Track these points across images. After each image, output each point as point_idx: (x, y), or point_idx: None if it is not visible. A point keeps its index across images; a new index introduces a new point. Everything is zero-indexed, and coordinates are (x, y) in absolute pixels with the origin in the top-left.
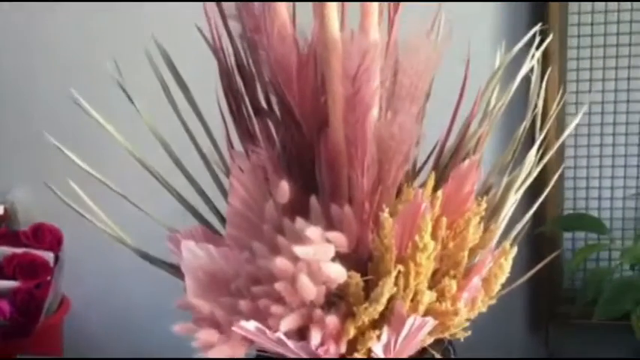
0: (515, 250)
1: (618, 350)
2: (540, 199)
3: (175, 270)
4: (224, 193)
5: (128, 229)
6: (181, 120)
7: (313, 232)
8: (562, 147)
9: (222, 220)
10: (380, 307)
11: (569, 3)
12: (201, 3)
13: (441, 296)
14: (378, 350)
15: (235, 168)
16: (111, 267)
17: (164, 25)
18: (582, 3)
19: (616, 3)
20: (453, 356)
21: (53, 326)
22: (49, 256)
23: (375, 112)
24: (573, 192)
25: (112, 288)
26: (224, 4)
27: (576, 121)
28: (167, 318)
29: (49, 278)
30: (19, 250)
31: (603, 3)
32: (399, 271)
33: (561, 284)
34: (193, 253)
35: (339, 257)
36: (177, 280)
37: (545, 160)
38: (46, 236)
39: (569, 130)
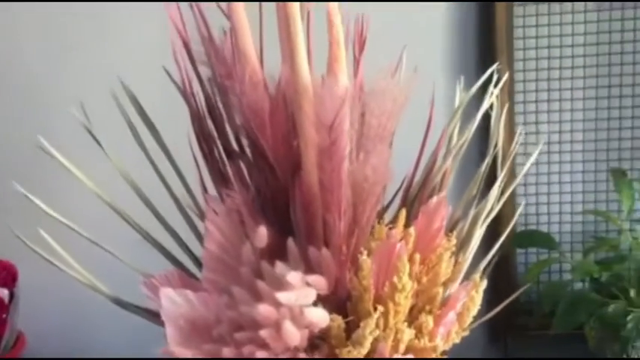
0: (485, 282)
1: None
2: (505, 233)
3: (151, 315)
4: (198, 236)
5: (98, 272)
6: (151, 162)
7: (294, 277)
8: (513, 166)
9: (197, 262)
10: (365, 350)
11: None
12: (167, 45)
13: (418, 332)
14: None
15: (210, 211)
16: (68, 302)
17: (132, 67)
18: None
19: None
20: None
21: None
22: (3, 293)
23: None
24: (524, 209)
25: (70, 323)
26: (193, 49)
27: (532, 159)
28: (127, 352)
29: (4, 316)
30: None
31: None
32: (382, 312)
33: (517, 297)
34: (172, 301)
35: (318, 299)
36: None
37: (506, 195)
38: (0, 273)
39: (527, 167)
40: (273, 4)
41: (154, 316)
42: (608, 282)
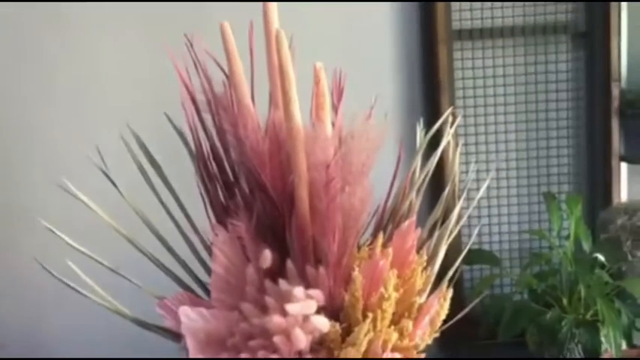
0: (451, 291)
1: None
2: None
3: (168, 333)
4: (201, 263)
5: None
6: (160, 201)
7: (298, 291)
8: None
9: (202, 286)
10: (362, 349)
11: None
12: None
13: (400, 335)
14: None
15: (216, 239)
16: (35, 333)
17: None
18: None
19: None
20: None
21: None
22: None
23: None
24: (468, 229)
25: (37, 354)
26: (198, 99)
27: (483, 189)
28: None
29: None
30: None
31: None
32: (372, 317)
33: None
34: (189, 317)
35: (317, 310)
36: (108, 345)
37: (464, 218)
38: None
39: (479, 196)
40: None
41: (169, 333)
42: (544, 292)
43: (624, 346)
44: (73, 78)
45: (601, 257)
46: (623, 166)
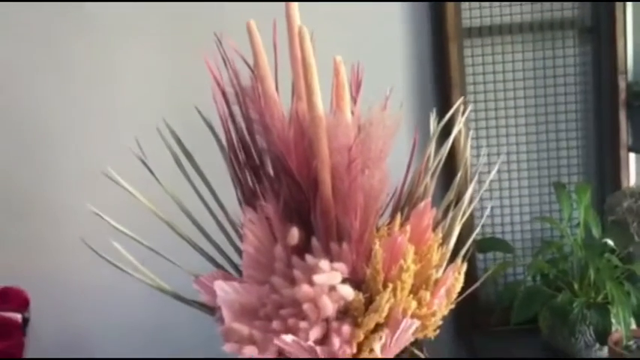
0: (465, 266)
1: (529, 348)
2: (478, 227)
3: (203, 307)
4: (231, 243)
5: None
6: (193, 187)
7: (324, 264)
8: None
9: (233, 266)
10: (384, 314)
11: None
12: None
13: (419, 304)
14: (377, 349)
15: (247, 220)
16: (71, 328)
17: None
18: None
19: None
20: (424, 353)
21: None
22: (17, 317)
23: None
24: (480, 212)
25: (72, 349)
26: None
27: (493, 173)
28: None
29: (22, 338)
30: None
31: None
32: (392, 287)
33: (479, 298)
34: (224, 290)
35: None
36: (136, 336)
37: (476, 200)
38: (13, 299)
39: (490, 178)
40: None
41: (204, 307)
42: (555, 278)
43: (633, 325)
44: (108, 75)
45: (610, 242)
46: (631, 156)
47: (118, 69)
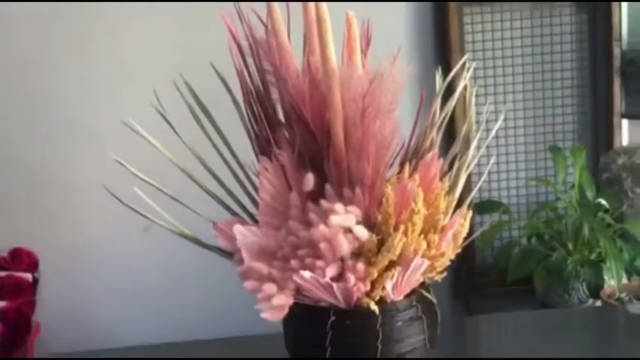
0: (470, 213)
1: (524, 309)
2: (483, 179)
3: (222, 252)
4: (246, 193)
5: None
6: (208, 138)
7: (339, 206)
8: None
9: (249, 215)
10: (397, 252)
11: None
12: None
13: (428, 246)
14: (389, 287)
15: (262, 169)
16: (75, 289)
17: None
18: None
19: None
20: (431, 295)
21: (28, 351)
22: (28, 277)
23: None
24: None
25: (77, 310)
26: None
27: (497, 125)
28: (133, 338)
29: (33, 298)
30: (1, 274)
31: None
32: (404, 228)
33: (474, 261)
34: (243, 234)
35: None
36: (142, 300)
37: (481, 151)
38: (24, 259)
39: (493, 132)
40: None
41: (222, 251)
42: (550, 238)
43: (625, 280)
44: (125, 33)
45: (604, 202)
46: (624, 121)
47: (135, 27)
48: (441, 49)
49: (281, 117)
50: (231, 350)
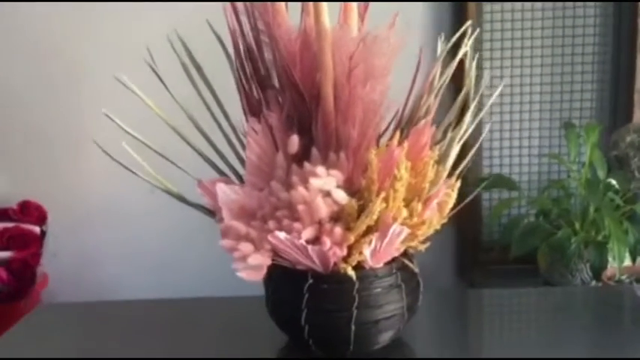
0: (459, 183)
1: (528, 286)
2: (473, 151)
3: (205, 210)
4: (235, 152)
5: None
6: (200, 95)
7: (321, 170)
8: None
9: (236, 174)
10: (374, 217)
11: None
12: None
13: (410, 214)
14: (367, 254)
15: (250, 129)
16: (83, 244)
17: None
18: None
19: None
20: (414, 264)
21: (34, 301)
22: (36, 229)
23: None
24: (490, 154)
25: (84, 264)
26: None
27: (497, 92)
28: (138, 293)
29: (40, 250)
30: (9, 225)
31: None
32: (385, 195)
33: (481, 237)
34: (225, 192)
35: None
36: (146, 257)
37: (477, 120)
38: (33, 212)
39: (493, 98)
40: None
41: (206, 210)
42: (557, 216)
43: (628, 262)
44: None
45: (614, 182)
46: None
47: None
48: (456, 17)
49: (273, 78)
50: (226, 309)
